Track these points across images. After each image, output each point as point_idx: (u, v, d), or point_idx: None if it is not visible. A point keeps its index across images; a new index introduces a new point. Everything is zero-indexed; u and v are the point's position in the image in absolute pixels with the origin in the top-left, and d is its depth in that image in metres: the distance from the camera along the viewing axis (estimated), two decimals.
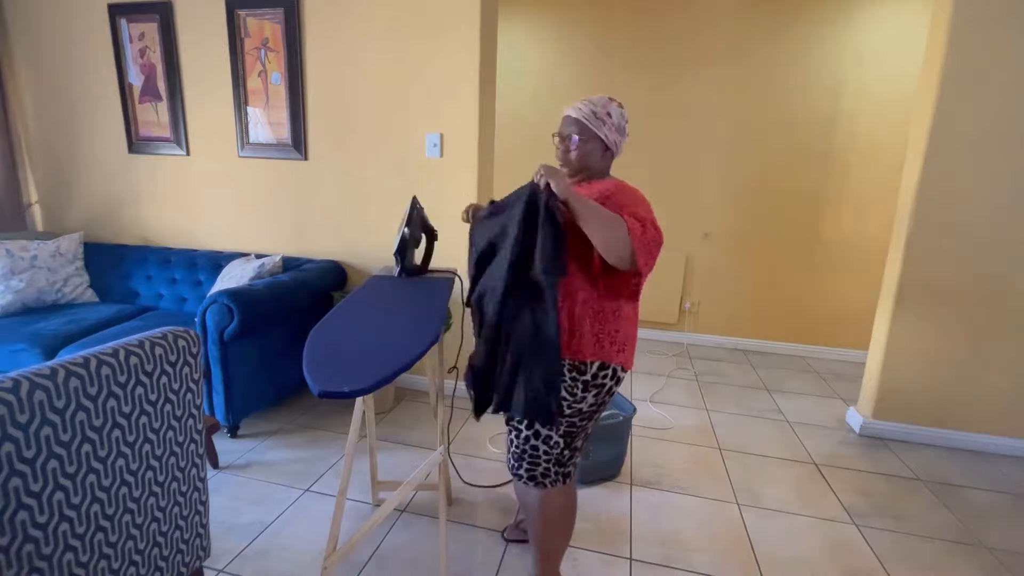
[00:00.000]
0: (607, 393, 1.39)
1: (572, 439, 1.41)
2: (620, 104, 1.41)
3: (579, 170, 1.42)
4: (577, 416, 1.38)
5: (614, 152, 1.43)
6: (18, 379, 0.81)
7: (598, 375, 1.35)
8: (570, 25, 3.71)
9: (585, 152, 1.39)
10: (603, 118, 1.37)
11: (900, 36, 3.26)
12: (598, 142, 1.39)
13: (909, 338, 2.54)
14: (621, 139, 1.42)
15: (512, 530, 1.84)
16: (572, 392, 1.35)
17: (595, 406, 1.39)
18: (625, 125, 1.42)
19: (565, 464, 1.43)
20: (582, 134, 1.38)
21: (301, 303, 2.49)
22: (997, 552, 1.86)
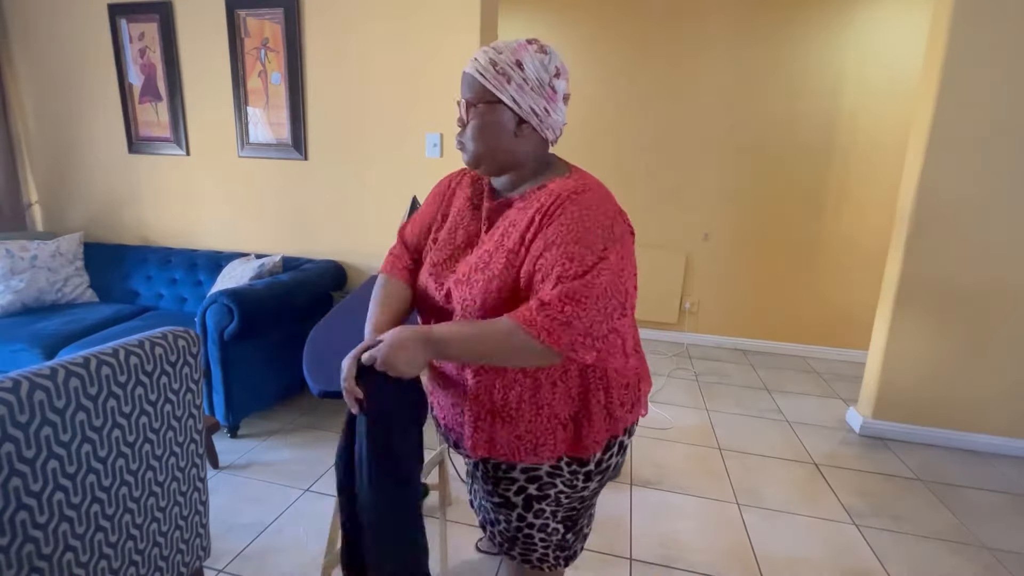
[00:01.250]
0: (611, 469, 1.07)
1: (575, 523, 1.11)
2: (543, 48, 0.90)
3: (480, 155, 0.94)
4: (579, 503, 1.08)
5: (537, 127, 0.92)
6: (18, 379, 0.81)
7: (603, 460, 1.02)
8: (569, 25, 3.71)
9: (483, 125, 0.91)
10: (507, 70, 0.88)
11: (900, 36, 3.26)
12: (502, 109, 0.90)
13: (909, 338, 2.54)
14: (548, 105, 0.91)
15: (486, 542, 1.76)
16: (571, 485, 1.02)
17: (599, 487, 1.08)
18: (555, 81, 0.90)
19: (569, 548, 1.12)
20: (476, 98, 0.91)
21: (301, 303, 2.49)
22: (997, 552, 1.86)
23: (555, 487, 1.02)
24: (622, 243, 0.88)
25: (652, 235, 3.84)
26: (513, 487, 1.04)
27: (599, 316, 0.84)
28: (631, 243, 0.92)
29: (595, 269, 0.83)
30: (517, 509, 1.05)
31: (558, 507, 1.05)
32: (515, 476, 1.03)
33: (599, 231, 0.85)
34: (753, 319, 3.82)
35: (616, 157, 3.78)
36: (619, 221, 0.89)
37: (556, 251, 0.85)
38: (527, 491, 1.03)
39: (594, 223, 0.85)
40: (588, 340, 0.84)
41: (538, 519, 1.06)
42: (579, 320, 0.83)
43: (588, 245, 0.84)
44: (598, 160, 3.79)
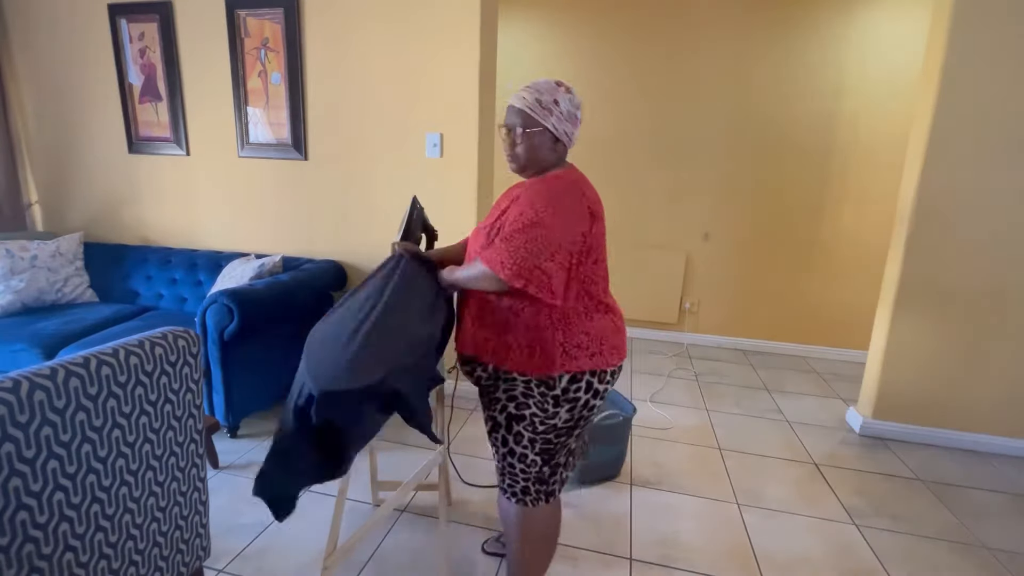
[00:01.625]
0: (584, 407, 1.29)
1: (551, 456, 1.32)
2: (569, 89, 1.26)
3: (526, 165, 1.30)
4: (552, 432, 1.29)
5: (566, 143, 1.29)
6: (18, 379, 0.81)
7: (569, 389, 1.25)
8: (570, 25, 3.71)
9: (532, 145, 1.26)
10: (549, 107, 1.24)
11: (900, 36, 3.26)
12: (546, 134, 1.26)
13: (909, 338, 2.54)
14: (572, 128, 1.28)
15: (493, 543, 1.79)
16: (543, 408, 1.26)
17: (572, 421, 1.29)
18: (576, 112, 1.28)
19: (547, 482, 1.34)
20: (527, 125, 1.25)
21: (301, 303, 2.49)
22: (997, 552, 1.86)
23: (529, 408, 1.27)
24: (570, 212, 1.19)
25: (652, 235, 3.84)
26: (497, 406, 1.31)
27: (524, 253, 1.14)
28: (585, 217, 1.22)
29: (531, 221, 1.16)
30: (502, 430, 1.32)
31: (535, 434, 1.28)
32: (499, 396, 1.30)
33: (547, 198, 1.19)
34: (753, 319, 3.82)
35: (616, 157, 3.78)
36: (573, 198, 1.21)
37: (515, 208, 1.22)
38: (508, 409, 1.29)
39: (548, 194, 1.20)
40: (515, 269, 1.14)
41: (517, 445, 1.30)
42: (508, 254, 1.15)
43: (533, 206, 1.18)
44: (598, 160, 3.79)
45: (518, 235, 1.15)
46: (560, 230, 1.17)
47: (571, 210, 1.19)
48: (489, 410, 1.34)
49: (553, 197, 1.19)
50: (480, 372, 1.32)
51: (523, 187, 1.27)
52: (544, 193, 1.20)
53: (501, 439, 1.32)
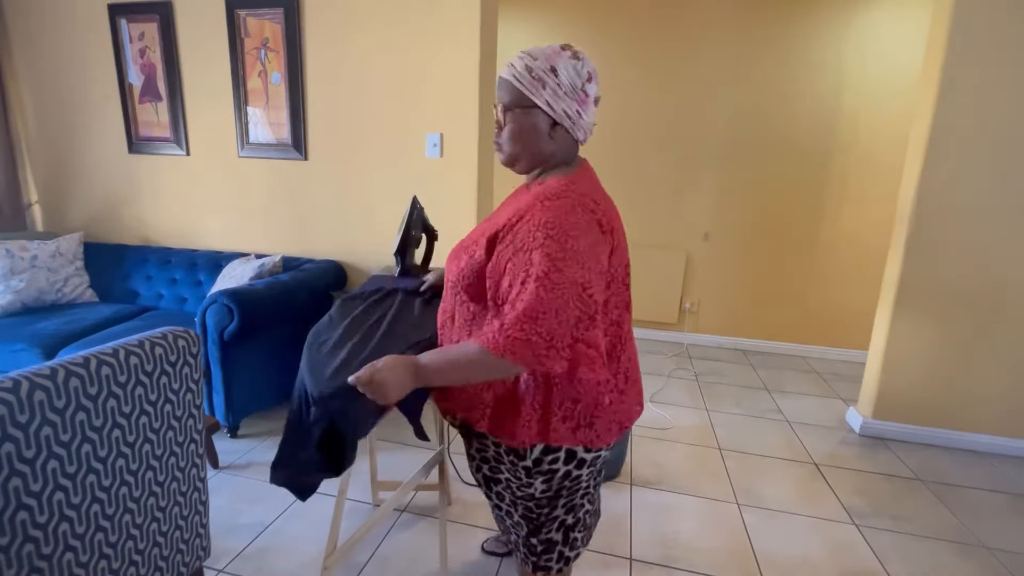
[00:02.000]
0: (566, 478, 1.03)
1: (538, 528, 1.11)
2: (576, 54, 0.94)
3: (513, 155, 0.99)
4: (531, 502, 1.07)
5: (570, 128, 0.96)
6: (18, 379, 0.81)
7: (542, 460, 1.00)
8: (570, 25, 3.71)
9: (520, 129, 0.96)
10: (542, 76, 0.91)
11: (901, 36, 3.26)
12: (538, 114, 0.94)
13: (909, 338, 2.54)
14: (578, 106, 0.94)
15: (492, 541, 1.77)
16: (516, 476, 1.05)
17: (551, 493, 1.05)
18: (586, 85, 0.94)
19: (539, 555, 1.13)
20: (513, 103, 0.95)
21: (301, 303, 2.49)
22: (997, 552, 1.86)
23: (503, 473, 1.07)
24: (588, 254, 0.89)
25: (652, 235, 3.84)
26: (474, 462, 1.13)
27: (559, 328, 0.86)
28: (603, 252, 0.93)
29: (553, 274, 0.85)
30: (483, 487, 1.14)
31: (514, 498, 1.09)
32: (473, 453, 1.12)
33: (561, 240, 0.87)
34: (753, 319, 3.82)
35: (616, 157, 3.78)
36: (588, 231, 0.90)
37: (521, 257, 0.89)
38: (483, 470, 1.11)
39: (558, 230, 0.88)
40: (552, 352, 0.87)
41: (501, 505, 1.13)
42: (538, 336, 0.85)
43: (546, 251, 0.86)
44: (598, 160, 3.79)
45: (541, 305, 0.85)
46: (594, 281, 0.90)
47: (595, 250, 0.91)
48: (469, 460, 1.17)
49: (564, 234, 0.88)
50: (450, 420, 1.13)
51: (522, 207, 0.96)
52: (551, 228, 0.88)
53: (485, 495, 1.16)
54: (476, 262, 0.97)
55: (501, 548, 1.75)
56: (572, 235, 0.87)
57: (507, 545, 1.74)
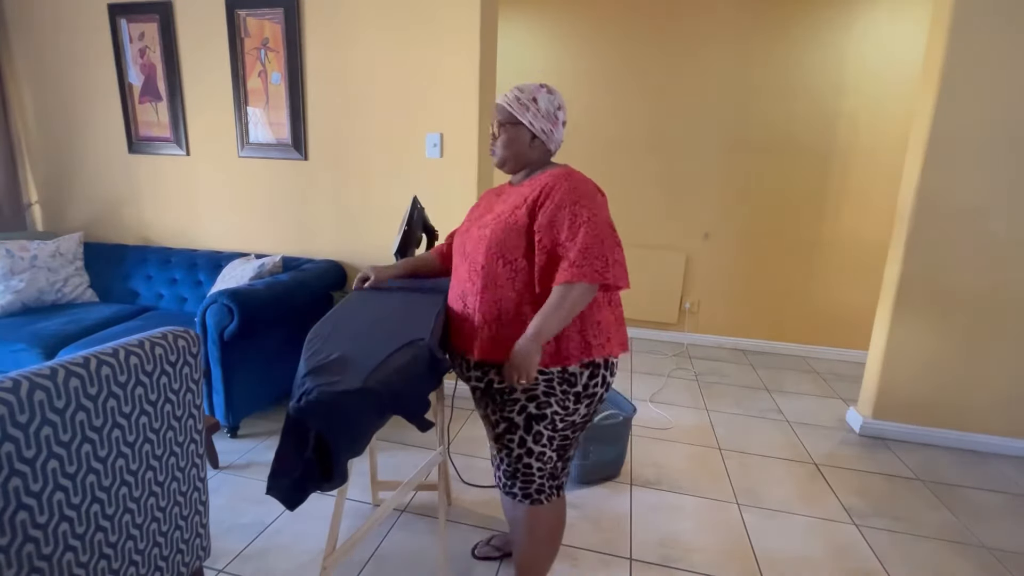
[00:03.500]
0: (599, 400, 1.36)
1: (565, 451, 1.39)
2: (551, 90, 1.34)
3: (504, 159, 1.37)
4: (570, 429, 1.34)
5: (545, 141, 1.35)
6: (18, 379, 0.81)
7: (589, 385, 1.30)
8: (570, 25, 3.71)
9: (509, 139, 1.34)
10: (527, 103, 1.31)
11: (901, 36, 3.26)
12: (523, 129, 1.33)
13: (909, 338, 2.54)
14: (552, 127, 1.34)
15: (483, 547, 1.77)
16: (564, 405, 1.30)
17: (587, 416, 1.36)
18: (557, 112, 1.34)
19: (559, 476, 1.40)
20: (506, 120, 1.34)
21: (301, 303, 2.49)
22: (997, 552, 1.86)
23: (551, 407, 1.29)
24: (602, 205, 1.29)
25: (652, 235, 3.84)
26: (516, 407, 1.31)
27: (608, 249, 1.21)
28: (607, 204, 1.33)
29: (593, 219, 1.22)
30: (519, 431, 1.32)
31: (554, 432, 1.32)
32: (517, 396, 1.30)
33: (589, 197, 1.26)
34: (753, 319, 3.82)
35: (616, 157, 3.78)
36: (597, 193, 1.30)
37: (566, 211, 1.23)
38: (527, 410, 1.30)
39: (585, 191, 1.26)
40: (607, 268, 1.20)
41: (536, 444, 1.32)
42: (597, 260, 1.19)
43: (585, 205, 1.24)
44: (598, 160, 3.79)
45: (592, 238, 1.20)
46: (609, 217, 1.28)
47: (603, 201, 1.30)
48: (503, 412, 1.33)
49: (586, 192, 1.26)
50: (494, 375, 1.32)
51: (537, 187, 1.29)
52: (576, 190, 1.25)
53: (518, 440, 1.33)
54: (519, 225, 1.27)
55: (494, 553, 1.75)
56: (591, 192, 1.27)
57: (499, 549, 1.74)
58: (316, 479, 1.08)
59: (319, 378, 1.06)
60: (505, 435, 1.34)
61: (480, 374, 1.34)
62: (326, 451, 1.05)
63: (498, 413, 1.34)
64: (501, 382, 1.31)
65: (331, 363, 1.12)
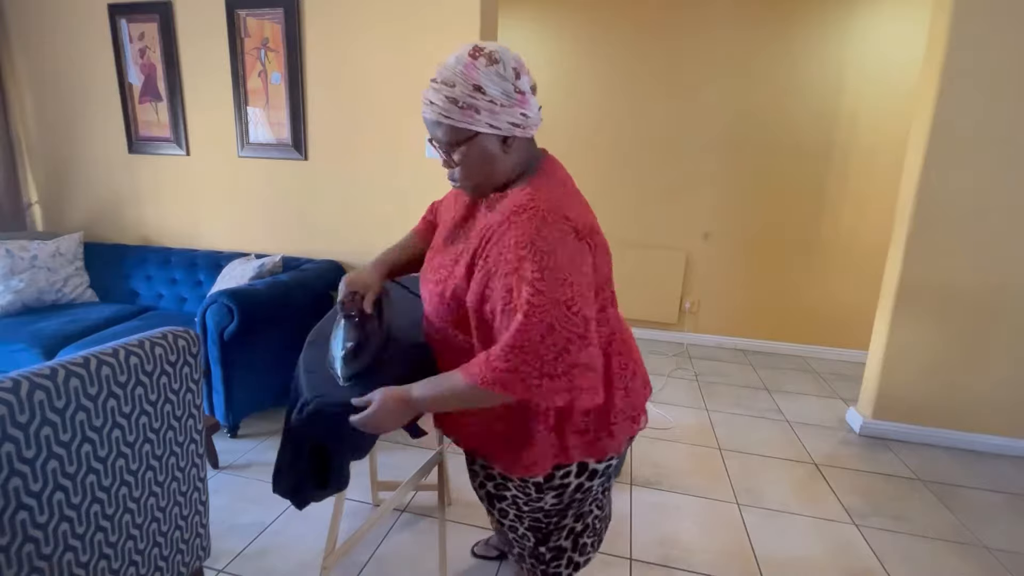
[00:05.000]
0: (577, 491, 1.01)
1: (546, 537, 1.08)
2: (491, 56, 0.85)
3: (478, 185, 0.94)
4: (540, 514, 1.05)
5: (521, 134, 0.90)
6: (18, 379, 0.81)
7: (554, 475, 0.98)
8: (569, 25, 3.71)
9: (471, 162, 0.90)
10: (470, 100, 0.85)
11: (901, 35, 3.26)
12: (485, 137, 0.88)
13: (909, 338, 2.54)
14: (523, 109, 0.87)
15: (483, 546, 1.76)
16: (525, 492, 1.02)
17: (561, 505, 1.03)
18: (516, 84, 0.87)
19: (547, 563, 1.11)
20: (453, 140, 0.89)
21: (301, 303, 2.49)
22: (997, 552, 1.86)
23: (509, 491, 1.04)
24: (568, 268, 0.82)
25: (652, 235, 3.84)
26: (477, 479, 1.11)
27: (549, 355, 0.80)
28: (584, 261, 0.86)
29: (533, 305, 0.79)
30: (486, 503, 1.11)
31: (520, 513, 1.05)
32: (476, 469, 1.10)
33: (538, 259, 0.81)
34: (753, 319, 3.82)
35: (616, 157, 3.78)
36: (562, 243, 0.83)
37: (497, 282, 0.84)
38: (487, 487, 1.09)
39: (532, 253, 0.81)
40: (545, 381, 0.80)
41: (505, 519, 1.09)
42: (527, 365, 0.80)
43: (524, 277, 0.80)
44: (597, 159, 3.79)
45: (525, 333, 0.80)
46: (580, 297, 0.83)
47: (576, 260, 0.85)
48: (472, 476, 1.14)
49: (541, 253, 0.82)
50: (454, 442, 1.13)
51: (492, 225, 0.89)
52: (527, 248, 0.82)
53: (487, 510, 1.14)
54: (457, 293, 0.92)
55: (492, 552, 1.74)
56: (546, 251, 0.81)
57: (498, 548, 1.74)
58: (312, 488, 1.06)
59: (318, 388, 1.04)
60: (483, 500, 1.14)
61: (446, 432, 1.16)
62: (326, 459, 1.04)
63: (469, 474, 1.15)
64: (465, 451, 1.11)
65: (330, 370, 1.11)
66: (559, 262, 0.81)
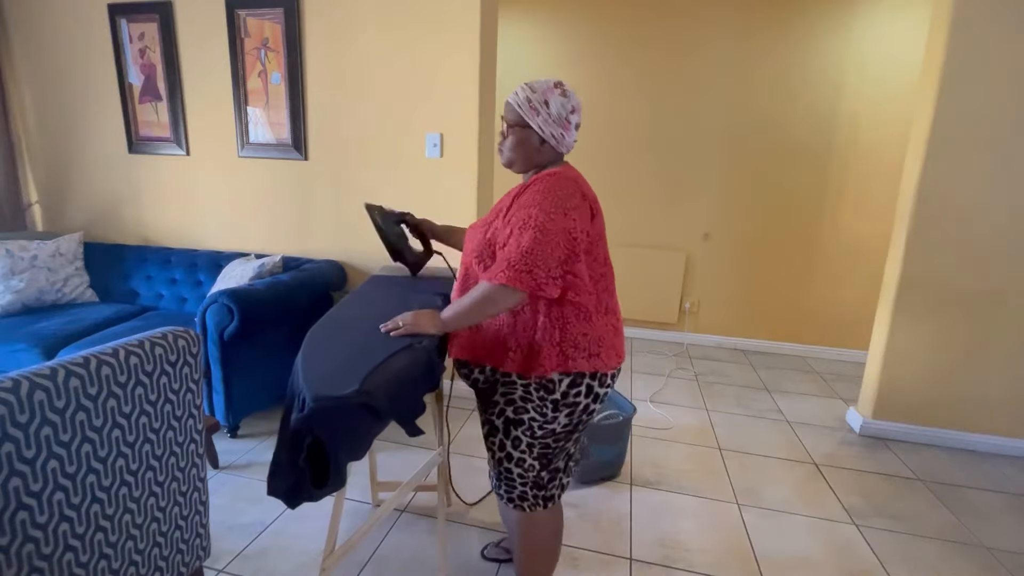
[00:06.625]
0: (584, 411, 1.26)
1: (549, 461, 1.30)
2: (565, 92, 1.23)
3: (512, 160, 1.29)
4: (551, 437, 1.27)
5: (555, 145, 1.26)
6: (18, 379, 0.81)
7: (569, 393, 1.22)
8: (570, 24, 3.71)
9: (517, 141, 1.25)
10: (537, 107, 1.21)
11: (901, 36, 3.26)
12: (532, 133, 1.24)
13: (909, 338, 2.54)
14: (563, 131, 1.24)
15: (493, 548, 1.77)
16: (542, 413, 1.24)
17: (571, 426, 1.27)
18: (570, 116, 1.23)
19: (545, 487, 1.33)
20: (514, 122, 1.25)
21: (301, 303, 2.49)
22: (997, 552, 1.86)
23: (528, 413, 1.25)
24: (573, 208, 1.16)
25: (652, 235, 3.84)
26: (495, 410, 1.30)
27: (552, 259, 1.12)
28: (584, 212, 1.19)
29: (546, 224, 1.12)
30: (499, 435, 1.30)
31: (533, 439, 1.26)
32: (496, 399, 1.29)
33: (559, 200, 1.15)
34: (753, 319, 3.82)
35: (616, 157, 3.78)
36: (572, 195, 1.17)
37: (520, 211, 1.17)
38: (506, 413, 1.28)
39: (551, 193, 1.16)
40: (548, 279, 1.12)
41: (516, 449, 1.28)
42: (537, 266, 1.11)
43: (542, 207, 1.14)
44: (597, 159, 3.79)
45: (537, 242, 1.11)
46: (579, 229, 1.16)
47: (580, 208, 1.18)
48: (486, 414, 1.33)
49: (555, 195, 1.15)
50: (477, 375, 1.32)
51: (522, 187, 1.24)
52: (545, 192, 1.16)
53: (499, 444, 1.31)
54: (496, 229, 1.22)
55: (503, 555, 1.74)
56: (561, 195, 1.16)
57: (508, 551, 1.74)
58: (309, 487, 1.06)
59: (317, 386, 1.04)
60: (488, 437, 1.34)
61: (467, 372, 1.33)
62: (323, 457, 1.04)
63: (483, 414, 1.34)
64: (484, 382, 1.31)
65: (329, 368, 1.11)
66: (568, 204, 1.16)
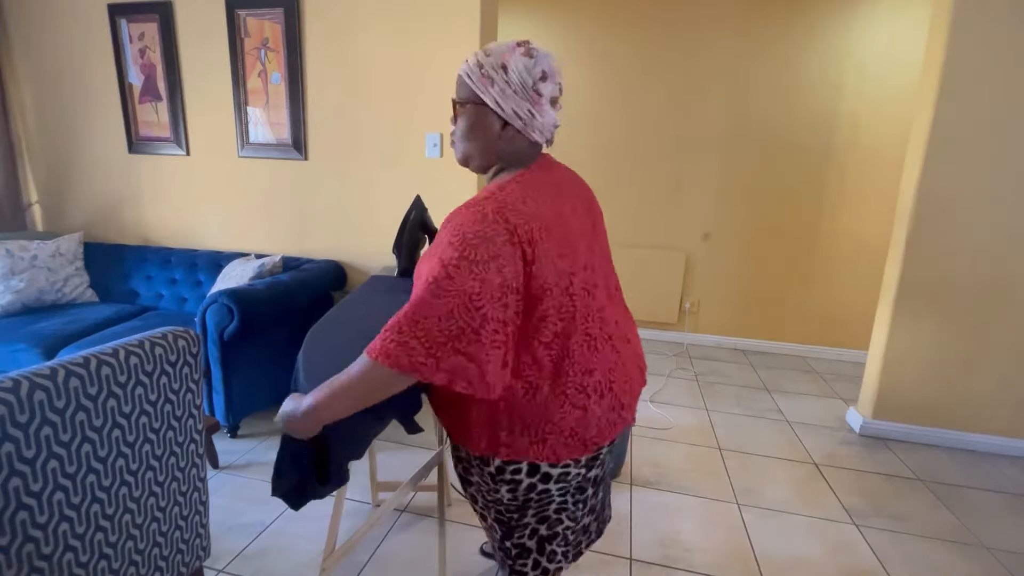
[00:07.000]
0: (531, 491, 0.97)
1: (510, 533, 1.05)
2: (530, 51, 0.91)
3: (465, 154, 0.98)
4: (501, 506, 1.02)
5: (522, 128, 0.92)
6: (18, 379, 0.81)
7: (504, 469, 0.96)
8: (570, 24, 3.71)
9: (469, 126, 0.95)
10: (491, 74, 0.90)
11: (901, 36, 3.26)
12: (487, 111, 0.92)
13: (909, 338, 2.54)
14: (533, 108, 0.91)
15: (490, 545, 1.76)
16: (484, 480, 1.00)
17: (518, 503, 1.00)
18: (539, 84, 0.91)
19: (513, 559, 1.08)
20: (464, 98, 0.94)
21: (301, 303, 2.49)
22: (997, 552, 1.86)
23: (473, 476, 1.03)
24: (486, 265, 0.83)
25: (652, 235, 3.84)
26: (454, 460, 1.08)
27: (440, 337, 0.82)
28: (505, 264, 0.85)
29: (441, 287, 0.82)
30: (461, 484, 1.09)
31: (486, 501, 1.04)
32: (452, 450, 1.07)
33: (460, 248, 0.83)
34: (753, 319, 3.82)
35: (616, 156, 3.78)
36: (491, 242, 0.84)
37: (425, 263, 0.87)
38: (458, 468, 1.07)
39: (459, 242, 0.83)
40: (429, 360, 0.82)
41: (475, 506, 1.08)
42: (416, 340, 0.81)
43: (442, 257, 0.84)
44: (597, 159, 3.79)
45: (423, 311, 0.82)
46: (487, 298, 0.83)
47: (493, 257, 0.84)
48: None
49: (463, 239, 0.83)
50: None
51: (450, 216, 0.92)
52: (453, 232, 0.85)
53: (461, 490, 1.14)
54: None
55: None
56: (472, 244, 0.83)
57: None
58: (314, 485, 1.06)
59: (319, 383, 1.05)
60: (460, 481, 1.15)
61: None
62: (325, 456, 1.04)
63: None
64: None
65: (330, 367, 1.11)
66: (479, 257, 0.83)
